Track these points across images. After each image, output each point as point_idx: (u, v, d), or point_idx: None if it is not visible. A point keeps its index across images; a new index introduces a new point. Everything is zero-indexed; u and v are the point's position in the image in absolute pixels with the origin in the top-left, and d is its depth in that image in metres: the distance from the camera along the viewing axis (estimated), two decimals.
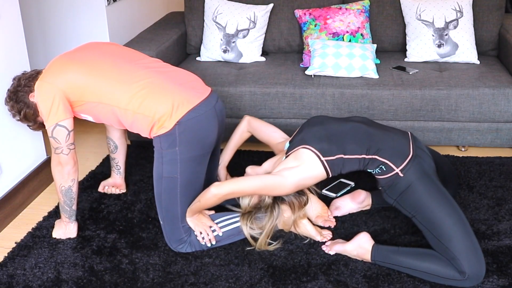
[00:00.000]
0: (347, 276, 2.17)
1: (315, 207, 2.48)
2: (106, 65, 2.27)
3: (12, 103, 2.37)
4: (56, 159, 2.30)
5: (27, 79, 2.35)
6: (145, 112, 2.20)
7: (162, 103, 2.20)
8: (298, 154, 2.22)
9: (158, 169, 2.27)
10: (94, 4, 3.43)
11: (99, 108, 2.26)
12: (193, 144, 2.24)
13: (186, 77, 2.36)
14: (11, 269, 2.27)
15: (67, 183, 2.33)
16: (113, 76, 2.24)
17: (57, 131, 2.25)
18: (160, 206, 2.30)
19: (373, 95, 3.00)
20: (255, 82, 3.10)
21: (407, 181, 2.13)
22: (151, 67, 2.33)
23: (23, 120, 2.40)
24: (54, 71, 2.27)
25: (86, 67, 2.26)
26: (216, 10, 3.39)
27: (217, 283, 2.16)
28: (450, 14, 3.22)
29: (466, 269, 2.01)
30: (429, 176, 2.14)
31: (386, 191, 2.20)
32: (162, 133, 2.21)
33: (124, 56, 2.36)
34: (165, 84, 2.25)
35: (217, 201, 2.22)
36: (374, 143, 2.18)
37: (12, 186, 2.67)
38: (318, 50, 3.16)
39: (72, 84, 2.23)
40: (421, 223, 2.13)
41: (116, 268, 2.26)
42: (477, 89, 2.96)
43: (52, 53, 3.63)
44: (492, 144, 3.08)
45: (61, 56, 2.35)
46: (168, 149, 2.22)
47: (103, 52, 2.36)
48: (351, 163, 2.20)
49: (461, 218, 2.08)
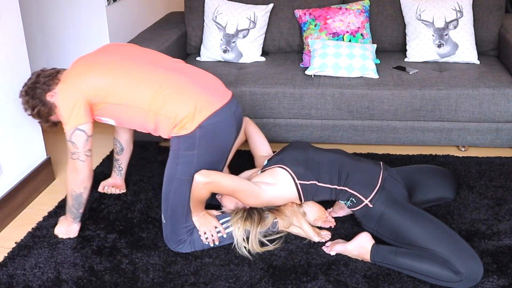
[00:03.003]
0: (347, 276, 2.17)
1: (313, 210, 2.49)
2: (128, 66, 2.26)
3: (27, 98, 2.35)
4: (72, 165, 2.29)
5: (47, 77, 2.33)
6: (167, 113, 2.19)
7: (185, 105, 2.18)
8: (275, 172, 2.33)
9: (171, 169, 2.25)
10: (94, 4, 3.43)
11: (121, 109, 2.25)
12: (212, 149, 2.24)
13: (208, 79, 2.35)
14: (11, 269, 2.27)
15: (79, 190, 2.32)
16: (135, 77, 2.23)
17: (76, 135, 2.23)
18: (166, 205, 2.30)
19: (373, 95, 3.00)
20: (255, 82, 3.10)
21: (377, 210, 2.23)
22: (173, 68, 2.32)
23: (35, 116, 2.39)
24: (77, 74, 2.25)
25: (108, 69, 2.25)
26: (216, 10, 3.39)
27: (217, 283, 2.16)
28: (450, 14, 3.22)
29: (461, 269, 2.02)
30: (398, 202, 2.23)
31: (363, 221, 2.30)
32: (182, 134, 2.20)
33: (146, 57, 2.35)
34: (187, 86, 2.24)
35: (204, 192, 2.20)
36: (344, 174, 2.30)
37: (12, 186, 2.67)
38: (318, 50, 3.16)
39: (95, 86, 2.22)
40: (403, 244, 2.17)
41: (116, 268, 2.26)
42: (477, 89, 2.96)
43: (52, 53, 3.63)
44: (492, 144, 3.08)
45: (82, 58, 2.34)
46: (186, 150, 2.21)
47: (124, 53, 2.35)
48: (324, 192, 2.32)
49: (439, 226, 2.13)
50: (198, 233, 2.33)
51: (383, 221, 2.21)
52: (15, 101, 2.67)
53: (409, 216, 2.17)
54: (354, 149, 3.16)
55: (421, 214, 2.18)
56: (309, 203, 2.49)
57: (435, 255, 2.07)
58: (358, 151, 3.15)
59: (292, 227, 2.39)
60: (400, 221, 2.17)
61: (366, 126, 3.10)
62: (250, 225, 2.29)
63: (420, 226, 2.13)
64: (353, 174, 2.30)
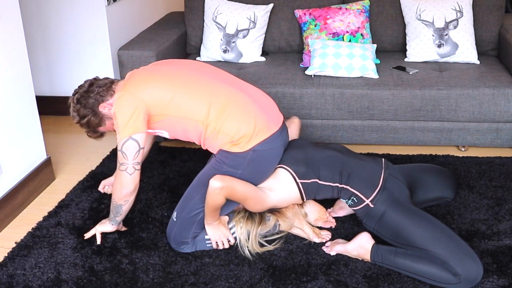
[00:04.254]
0: (347, 276, 2.17)
1: (314, 211, 2.49)
2: (189, 80, 2.24)
3: (79, 107, 2.28)
4: (119, 176, 2.23)
5: (101, 87, 2.28)
6: (226, 129, 2.18)
7: (245, 124, 2.18)
8: (276, 173, 2.32)
9: (207, 177, 2.20)
10: (94, 4, 3.43)
11: (179, 122, 2.22)
12: (255, 175, 2.24)
13: (264, 100, 2.35)
14: (11, 269, 2.27)
15: (120, 202, 2.28)
16: (196, 90, 2.21)
17: (128, 144, 2.17)
18: (185, 206, 2.28)
19: (373, 95, 3.00)
20: (255, 82, 3.10)
21: (378, 210, 2.22)
22: (231, 83, 2.30)
23: (84, 125, 2.33)
24: (137, 84, 2.21)
25: (169, 81, 2.22)
26: (216, 10, 3.39)
27: (217, 283, 2.16)
28: (450, 14, 3.22)
29: (459, 270, 2.02)
30: (400, 203, 2.23)
31: (363, 221, 2.30)
32: (233, 151, 2.19)
33: (205, 71, 2.33)
34: (248, 104, 2.23)
35: (219, 197, 2.17)
36: (346, 173, 2.29)
37: (12, 186, 2.67)
38: (318, 50, 3.16)
39: (156, 97, 2.19)
40: (403, 245, 2.17)
41: (116, 268, 2.26)
42: (477, 89, 2.96)
43: (52, 53, 3.63)
44: (492, 144, 3.08)
45: (141, 69, 2.32)
46: (231, 168, 2.20)
47: (185, 66, 2.33)
48: (325, 189, 2.31)
49: (438, 228, 2.13)
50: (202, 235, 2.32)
51: (384, 222, 2.21)
52: (16, 101, 2.67)
53: (409, 217, 2.17)
54: (354, 149, 3.16)
55: (421, 215, 2.18)
56: (310, 203, 2.49)
57: (434, 256, 2.07)
58: (358, 151, 3.15)
59: (293, 228, 2.39)
60: (400, 222, 2.17)
61: (366, 126, 3.10)
62: (251, 225, 2.30)
63: (419, 227, 2.13)
64: (355, 173, 2.29)
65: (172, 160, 3.10)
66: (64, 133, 3.55)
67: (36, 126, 2.86)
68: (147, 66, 2.37)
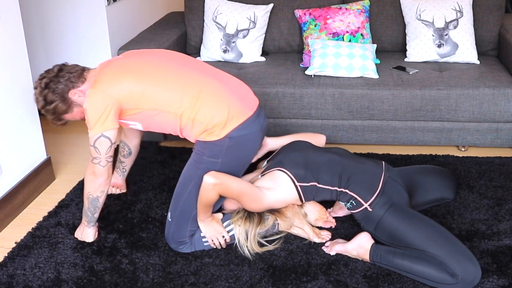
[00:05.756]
0: (347, 276, 2.17)
1: (314, 210, 2.49)
2: (161, 70, 2.23)
3: (47, 92, 2.23)
4: (91, 168, 2.26)
5: (72, 74, 2.25)
6: (201, 118, 2.18)
7: (219, 111, 2.17)
8: (274, 176, 2.32)
9: (190, 172, 2.24)
10: (94, 4, 3.43)
11: (154, 115, 2.22)
12: (236, 160, 2.24)
13: (238, 86, 2.34)
14: (11, 269, 2.27)
15: (96, 194, 2.30)
16: (170, 82, 2.20)
17: (100, 141, 2.19)
18: (177, 205, 2.29)
19: (373, 95, 3.00)
20: (255, 82, 3.10)
21: (377, 214, 2.23)
22: (206, 71, 2.30)
23: (49, 111, 2.28)
24: (108, 81, 2.20)
25: (140, 74, 2.22)
26: (216, 10, 3.39)
27: (217, 283, 2.16)
28: (450, 14, 3.22)
29: (456, 271, 2.02)
30: (398, 207, 2.23)
31: (362, 224, 2.30)
32: (209, 140, 2.19)
33: (176, 60, 2.32)
34: (220, 91, 2.22)
35: (212, 194, 2.18)
36: (345, 176, 2.29)
37: (12, 186, 2.67)
38: (318, 50, 3.16)
39: (128, 93, 2.18)
40: (401, 247, 2.17)
41: (116, 268, 2.26)
42: (477, 89, 2.96)
43: (52, 53, 3.63)
44: (492, 144, 3.08)
45: (113, 62, 2.28)
46: (210, 158, 2.20)
47: (157, 57, 2.32)
48: (324, 192, 2.32)
49: (436, 229, 2.13)
50: (199, 234, 2.32)
51: (382, 226, 2.21)
52: (15, 101, 2.67)
53: (407, 221, 2.17)
54: (354, 149, 3.16)
55: (419, 218, 2.18)
56: (310, 203, 2.49)
57: (432, 257, 2.07)
58: (358, 151, 3.15)
59: (293, 228, 2.39)
60: (398, 226, 2.17)
61: (366, 126, 3.10)
62: (249, 225, 2.29)
63: (416, 230, 2.13)
64: (354, 177, 2.29)
65: (172, 160, 3.10)
66: (64, 133, 3.55)
67: (36, 126, 2.86)
68: (119, 57, 2.33)
